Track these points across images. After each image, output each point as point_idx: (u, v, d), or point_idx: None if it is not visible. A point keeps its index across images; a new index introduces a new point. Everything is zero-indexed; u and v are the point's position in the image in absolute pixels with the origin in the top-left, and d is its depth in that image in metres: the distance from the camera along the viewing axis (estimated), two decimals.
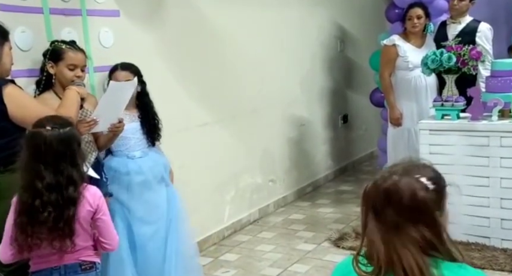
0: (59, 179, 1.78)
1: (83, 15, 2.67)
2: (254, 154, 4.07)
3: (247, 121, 3.97)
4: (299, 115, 4.60)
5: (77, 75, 2.33)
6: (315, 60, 4.80)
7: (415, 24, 3.76)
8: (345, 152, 5.35)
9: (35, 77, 2.41)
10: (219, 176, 3.72)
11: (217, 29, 3.62)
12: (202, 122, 3.53)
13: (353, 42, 5.32)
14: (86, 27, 2.69)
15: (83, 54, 2.38)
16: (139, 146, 2.67)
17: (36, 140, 1.77)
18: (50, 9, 2.50)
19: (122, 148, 2.65)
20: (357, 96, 5.42)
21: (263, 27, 4.06)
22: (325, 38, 4.93)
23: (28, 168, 1.78)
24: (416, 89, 3.77)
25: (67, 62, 2.32)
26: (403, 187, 1.21)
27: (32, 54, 2.42)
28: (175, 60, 3.30)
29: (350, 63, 5.34)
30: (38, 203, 1.76)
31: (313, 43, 4.76)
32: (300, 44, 4.53)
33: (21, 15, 2.38)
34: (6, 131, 2.01)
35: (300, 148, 4.65)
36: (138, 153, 2.66)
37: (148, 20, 3.12)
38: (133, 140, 2.65)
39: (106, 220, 1.91)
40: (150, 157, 2.70)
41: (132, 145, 2.65)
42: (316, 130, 4.87)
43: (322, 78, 4.91)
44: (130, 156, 2.64)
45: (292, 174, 4.54)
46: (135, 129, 2.66)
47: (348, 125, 5.37)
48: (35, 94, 2.37)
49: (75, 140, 1.82)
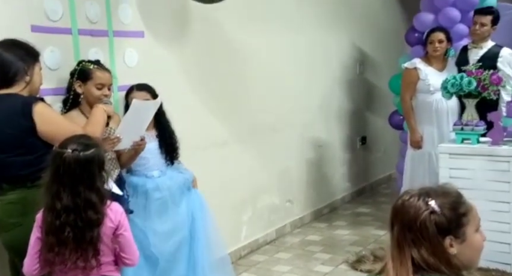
0: (77, 201, 1.80)
1: (109, 36, 2.75)
2: (272, 174, 4.08)
3: (266, 141, 3.99)
4: (317, 136, 4.61)
5: (104, 94, 2.40)
6: (334, 82, 4.82)
7: (437, 48, 3.78)
8: (362, 174, 5.33)
9: (61, 95, 2.47)
10: (237, 196, 3.72)
11: (239, 49, 3.67)
12: (222, 141, 3.56)
13: (372, 65, 5.34)
14: (112, 47, 2.76)
15: (109, 74, 2.45)
16: (158, 165, 2.71)
17: (57, 161, 1.81)
18: (78, 30, 2.59)
19: (141, 168, 2.69)
20: (375, 118, 5.41)
21: (284, 47, 4.10)
22: (345, 60, 4.95)
23: (49, 188, 1.82)
24: (438, 113, 3.77)
25: (95, 81, 2.38)
26: (408, 206, 1.25)
27: (59, 73, 2.49)
28: (197, 80, 3.35)
29: (369, 85, 5.35)
30: (58, 223, 1.80)
31: (333, 65, 4.78)
32: (319, 65, 4.56)
33: (51, 36, 2.46)
34: (34, 147, 2.06)
35: (318, 169, 4.64)
36: (156, 172, 2.71)
37: (172, 40, 3.18)
38: (151, 160, 2.70)
39: (127, 236, 1.94)
40: (169, 176, 2.74)
41: (151, 165, 2.69)
42: (334, 151, 4.86)
43: (341, 100, 4.92)
44: (149, 175, 2.69)
45: (310, 195, 4.53)
46: (153, 149, 2.70)
47: (366, 147, 5.36)
48: (61, 112, 2.42)
49: (95, 163, 1.83)
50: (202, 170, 3.26)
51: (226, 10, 3.38)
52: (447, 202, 1.25)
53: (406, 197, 1.28)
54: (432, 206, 1.23)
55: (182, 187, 2.75)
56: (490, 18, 3.74)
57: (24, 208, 2.04)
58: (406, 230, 1.23)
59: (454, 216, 1.23)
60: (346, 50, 4.96)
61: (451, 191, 1.29)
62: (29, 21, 2.39)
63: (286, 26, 4.11)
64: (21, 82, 2.12)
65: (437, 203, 1.23)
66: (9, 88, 2.11)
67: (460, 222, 1.24)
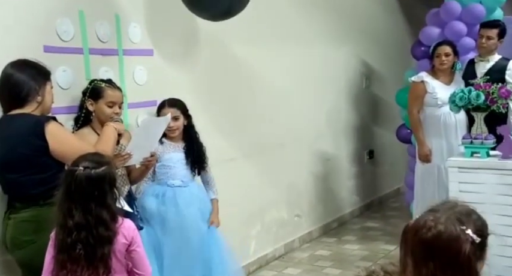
0: (88, 219, 1.81)
1: (119, 55, 2.78)
2: (280, 188, 4.07)
3: (274, 155, 3.99)
4: (325, 150, 4.61)
5: (115, 112, 2.43)
6: (341, 96, 4.83)
7: (443, 61, 3.79)
8: (370, 187, 5.31)
9: (73, 114, 2.50)
10: (245, 210, 3.72)
11: (246, 66, 3.70)
12: (230, 157, 3.57)
13: (378, 79, 5.34)
14: (122, 66, 2.80)
15: (120, 92, 2.49)
16: (180, 175, 2.76)
17: (69, 178, 1.83)
18: (89, 50, 2.62)
19: (163, 176, 2.74)
20: (382, 131, 5.41)
21: (291, 63, 4.12)
22: (351, 74, 4.97)
23: (61, 205, 1.84)
24: (446, 126, 3.77)
25: (106, 99, 2.42)
26: (447, 241, 1.14)
27: (71, 91, 2.52)
28: (205, 97, 3.37)
29: (376, 99, 5.35)
30: (70, 240, 1.82)
31: (339, 79, 4.80)
32: (325, 80, 4.57)
33: (63, 56, 2.50)
34: (47, 166, 2.09)
35: (326, 183, 4.64)
36: (177, 181, 2.74)
37: (181, 58, 3.21)
38: (174, 168, 2.75)
39: (140, 252, 1.95)
40: (190, 189, 2.77)
41: (173, 173, 2.74)
42: (342, 165, 4.86)
43: (347, 114, 4.93)
44: (170, 183, 2.73)
45: (318, 209, 4.52)
46: (178, 159, 2.76)
47: (373, 160, 5.35)
48: (73, 130, 2.46)
49: (106, 180, 1.85)
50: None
51: (234, 28, 3.41)
52: (479, 226, 1.18)
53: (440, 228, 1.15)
54: (471, 236, 1.15)
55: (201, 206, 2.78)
56: (496, 32, 3.76)
57: (37, 226, 2.06)
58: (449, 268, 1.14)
59: (485, 239, 1.18)
60: (352, 65, 4.97)
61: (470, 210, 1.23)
62: (41, 42, 2.43)
63: (294, 42, 4.13)
64: (33, 102, 2.15)
65: (472, 230, 1.15)
66: (21, 108, 2.14)
67: (487, 243, 1.19)
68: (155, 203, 2.68)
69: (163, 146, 2.76)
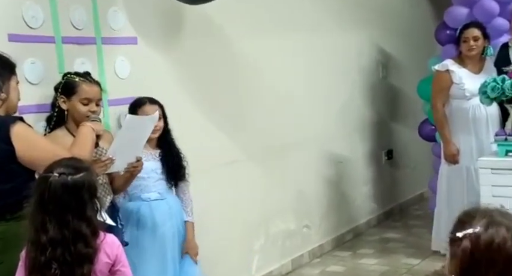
0: (64, 233, 1.78)
1: (97, 44, 2.76)
2: (286, 196, 4.07)
3: (278, 159, 3.98)
4: (336, 151, 4.60)
5: (91, 110, 2.39)
6: (354, 89, 4.82)
7: (472, 46, 3.76)
8: (390, 193, 5.30)
9: (45, 113, 2.47)
10: (247, 221, 3.71)
11: (244, 58, 3.68)
12: (229, 160, 3.55)
13: (397, 68, 5.33)
14: (101, 56, 2.77)
15: (98, 87, 2.45)
16: (156, 187, 2.72)
17: (42, 186, 1.80)
18: (62, 38, 2.59)
19: (136, 190, 2.70)
20: (403, 128, 5.39)
21: (294, 53, 4.10)
22: (365, 63, 4.96)
23: (33, 218, 1.81)
24: (475, 121, 3.74)
25: (81, 95, 2.38)
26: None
27: (41, 87, 2.49)
28: (198, 92, 3.35)
29: (394, 91, 5.35)
30: (44, 259, 1.78)
31: (352, 70, 4.79)
32: (337, 70, 4.56)
33: (31, 45, 2.46)
34: (13, 174, 2.06)
35: (338, 189, 4.62)
36: (153, 194, 2.71)
37: (169, 47, 3.19)
38: (148, 180, 2.70)
39: (126, 272, 1.93)
40: (167, 201, 2.74)
41: (147, 185, 2.70)
42: (356, 168, 4.85)
43: (362, 109, 4.92)
44: (144, 198, 2.69)
45: (330, 219, 4.51)
46: (152, 169, 2.71)
47: (393, 162, 5.34)
48: (45, 132, 2.43)
49: (85, 188, 1.82)
50: (207, 193, 3.26)
51: (231, 13, 3.39)
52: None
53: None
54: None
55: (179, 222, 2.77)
56: None
57: (5, 244, 2.03)
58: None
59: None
60: (367, 52, 4.96)
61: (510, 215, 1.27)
62: (5, 29, 2.39)
63: (298, 27, 4.12)
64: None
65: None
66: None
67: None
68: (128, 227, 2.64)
69: None
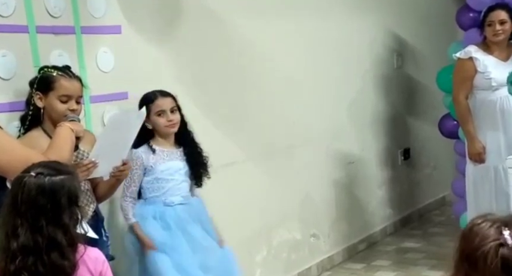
0: (37, 240, 1.77)
1: (76, 34, 2.76)
2: (291, 201, 4.08)
3: (282, 160, 4.00)
4: (347, 150, 4.62)
5: (71, 108, 2.39)
6: (366, 81, 4.84)
7: (498, 31, 3.77)
8: (407, 197, 5.31)
9: (19, 112, 2.47)
10: (247, 230, 3.72)
11: (244, 47, 3.69)
12: (226, 162, 3.56)
13: (414, 56, 5.35)
14: (81, 48, 2.77)
15: (78, 82, 2.45)
16: (180, 189, 2.79)
17: (15, 188, 1.80)
18: (36, 28, 2.59)
19: (158, 193, 2.75)
20: (421, 124, 5.41)
21: (300, 42, 4.12)
22: (379, 52, 4.97)
23: (4, 223, 1.80)
24: (504, 114, 3.75)
25: (59, 92, 2.38)
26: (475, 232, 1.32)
27: (14, 83, 2.49)
28: (192, 86, 3.36)
29: (411, 82, 5.36)
30: (13, 268, 1.77)
31: (364, 59, 4.80)
32: (346, 60, 4.57)
33: (1, 36, 2.46)
34: None
35: (349, 193, 4.64)
36: (177, 198, 2.77)
37: (158, 36, 3.19)
38: (172, 182, 2.77)
39: None
40: (193, 206, 2.81)
41: (171, 188, 2.76)
42: (370, 169, 4.87)
43: (375, 103, 4.94)
44: (168, 202, 2.74)
45: (340, 227, 4.52)
46: (176, 169, 2.78)
47: (410, 162, 5.35)
48: (19, 133, 2.43)
49: (64, 193, 1.81)
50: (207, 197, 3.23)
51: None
52: None
53: (477, 221, 1.35)
54: (505, 237, 1.27)
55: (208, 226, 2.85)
56: None
57: None
58: (463, 259, 1.31)
59: None
60: (379, 40, 4.97)
61: None
62: None
63: (303, 15, 4.13)
64: None
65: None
66: None
67: None
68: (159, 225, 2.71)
69: (156, 155, 2.77)
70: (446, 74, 4.21)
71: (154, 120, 2.77)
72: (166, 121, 2.77)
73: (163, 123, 2.78)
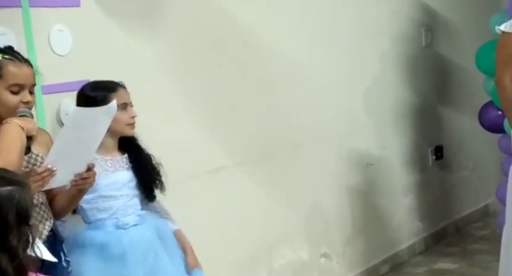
0: None
1: (23, 7, 2.75)
2: (296, 213, 4.11)
3: (284, 163, 4.02)
4: (364, 150, 4.65)
5: (24, 100, 2.37)
6: (387, 63, 4.86)
7: None
8: (441, 206, 5.35)
9: None
10: (244, 249, 3.75)
11: (239, 29, 3.72)
12: (218, 166, 3.60)
13: (447, 31, 5.37)
14: (29, 24, 2.77)
15: (29, 68, 2.44)
16: (133, 207, 2.76)
17: None
18: None
19: (106, 214, 2.71)
20: (457, 116, 5.46)
21: (304, 19, 4.14)
22: (403, 27, 5.00)
23: None
24: None
25: (8, 81, 2.36)
26: None
27: None
28: (175, 76, 3.38)
29: (444, 63, 5.39)
30: None
31: (384, 36, 4.82)
32: (362, 39, 4.60)
33: None
34: None
35: (368, 202, 4.67)
36: (131, 218, 2.74)
37: (129, 11, 3.19)
38: (122, 198, 2.73)
39: None
40: (150, 224, 2.77)
41: (122, 207, 2.72)
42: (393, 172, 4.90)
43: (398, 91, 4.96)
44: (121, 224, 2.71)
45: (357, 244, 4.55)
46: (124, 183, 2.74)
47: (444, 162, 5.39)
48: None
49: (12, 207, 1.80)
50: (189, 211, 3.29)
51: None
52: None
53: None
54: None
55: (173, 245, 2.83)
56: None
57: None
58: None
59: None
60: (403, 12, 5.00)
61: None
62: None
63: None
64: None
65: None
66: None
67: None
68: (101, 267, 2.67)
69: (101, 166, 2.70)
70: (488, 52, 4.22)
71: (116, 116, 2.63)
72: (129, 118, 2.73)
73: (125, 120, 2.72)
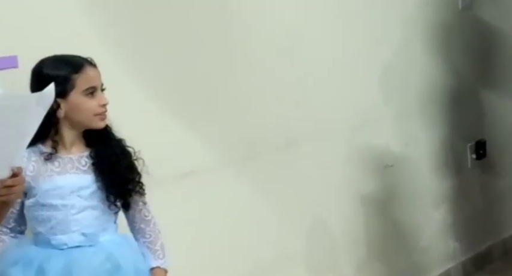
0: None
1: None
2: (293, 230, 4.14)
3: (277, 164, 4.05)
4: (381, 147, 4.70)
5: None
6: (412, 33, 4.88)
7: None
8: (484, 221, 5.39)
9: None
10: (233, 272, 3.78)
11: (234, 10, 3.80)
12: (203, 167, 3.63)
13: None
14: None
15: None
16: (79, 223, 2.70)
17: None
18: None
19: (43, 227, 2.70)
20: (504, 103, 5.51)
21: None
22: None
23: None
24: None
25: None
26: None
27: None
28: (134, 53, 3.40)
29: (486, 33, 5.42)
30: None
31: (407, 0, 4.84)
32: (379, 3, 4.62)
33: None
34: None
35: (387, 216, 4.72)
36: (73, 237, 2.71)
37: None
38: (64, 210, 2.68)
39: None
40: (103, 250, 2.73)
41: (63, 221, 2.69)
42: (420, 176, 4.94)
43: (427, 70, 4.99)
44: (56, 243, 2.69)
45: (374, 268, 4.60)
46: (72, 189, 2.68)
47: (486, 162, 5.44)
48: None
49: None
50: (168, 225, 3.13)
51: None
52: None
53: None
54: None
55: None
56: None
57: None
58: None
59: None
60: None
61: None
62: None
63: None
64: None
65: None
66: None
67: None
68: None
69: (48, 165, 2.71)
70: None
71: (78, 103, 2.65)
72: (99, 106, 2.69)
73: (93, 109, 2.69)
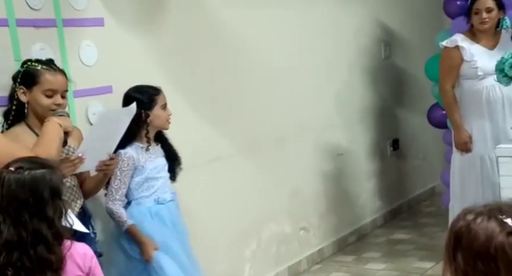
0: (22, 234, 1.79)
1: (58, 27, 2.76)
2: (280, 195, 4.10)
3: (271, 153, 4.02)
4: (335, 142, 4.64)
5: (56, 103, 2.39)
6: (354, 71, 4.85)
7: (484, 19, 3.76)
8: (397, 188, 5.35)
9: (2, 107, 2.47)
10: (236, 225, 3.74)
11: (230, 37, 3.70)
12: (213, 157, 3.58)
13: (402, 46, 5.37)
14: (63, 41, 2.78)
15: (63, 76, 2.45)
16: (168, 186, 2.87)
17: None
18: (16, 21, 2.59)
19: (148, 192, 2.79)
20: (410, 115, 5.44)
21: (286, 32, 4.12)
22: (366, 41, 4.99)
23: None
24: (490, 104, 3.77)
25: (44, 86, 2.38)
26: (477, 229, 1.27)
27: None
28: (178, 78, 3.37)
29: (399, 72, 5.39)
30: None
31: (350, 49, 4.81)
32: (333, 51, 4.59)
33: None
34: None
35: (339, 185, 4.67)
36: (168, 195, 2.84)
37: (142, 27, 3.19)
38: (160, 180, 2.82)
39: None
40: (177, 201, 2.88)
41: (161, 186, 2.82)
42: (359, 161, 4.90)
43: (363, 93, 4.96)
44: (161, 200, 2.80)
45: (330, 219, 4.55)
46: (162, 167, 2.85)
47: (399, 152, 5.39)
48: (2, 128, 2.43)
49: (45, 186, 1.83)
50: (188, 196, 3.28)
51: None
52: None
53: (470, 217, 1.30)
54: (510, 225, 1.26)
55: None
56: None
57: None
58: (476, 260, 1.26)
59: None
60: (366, 29, 4.99)
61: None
62: None
63: (289, 4, 4.12)
64: None
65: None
66: None
67: None
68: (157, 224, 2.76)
69: (147, 154, 2.80)
70: (435, 64, 4.20)
71: (158, 114, 2.79)
72: (168, 115, 2.83)
73: (166, 117, 2.83)
